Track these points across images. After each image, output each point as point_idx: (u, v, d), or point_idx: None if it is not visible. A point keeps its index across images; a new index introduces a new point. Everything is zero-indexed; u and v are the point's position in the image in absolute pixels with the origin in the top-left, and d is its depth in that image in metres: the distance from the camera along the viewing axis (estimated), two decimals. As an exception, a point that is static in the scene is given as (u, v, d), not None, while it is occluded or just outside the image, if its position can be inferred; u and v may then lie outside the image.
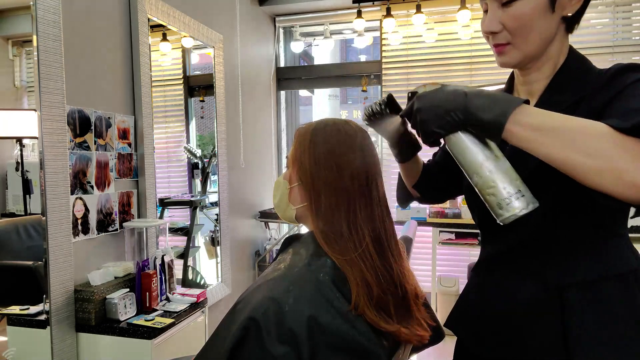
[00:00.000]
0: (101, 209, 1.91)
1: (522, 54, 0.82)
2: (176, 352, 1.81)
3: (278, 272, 0.81)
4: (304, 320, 0.72)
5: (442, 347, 0.99)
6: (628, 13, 3.33)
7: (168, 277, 2.02)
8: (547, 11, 0.78)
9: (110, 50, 2.00)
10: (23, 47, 1.74)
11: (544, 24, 0.79)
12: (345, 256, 0.79)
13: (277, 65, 4.02)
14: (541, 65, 0.85)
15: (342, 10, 3.77)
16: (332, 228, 0.82)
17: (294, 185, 0.89)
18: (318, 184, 0.84)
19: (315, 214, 0.84)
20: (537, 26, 0.79)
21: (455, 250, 3.54)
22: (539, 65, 0.85)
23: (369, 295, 0.77)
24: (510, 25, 0.80)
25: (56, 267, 1.66)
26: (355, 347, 0.74)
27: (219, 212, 2.90)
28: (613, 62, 3.31)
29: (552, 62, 0.85)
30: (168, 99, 2.86)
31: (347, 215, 0.82)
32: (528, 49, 0.82)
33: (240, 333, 0.72)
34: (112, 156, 1.99)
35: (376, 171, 0.88)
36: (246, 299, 0.79)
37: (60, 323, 1.69)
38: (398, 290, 0.83)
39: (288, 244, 0.93)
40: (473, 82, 3.45)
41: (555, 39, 0.83)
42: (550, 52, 0.84)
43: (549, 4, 0.78)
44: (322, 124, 0.89)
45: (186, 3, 2.53)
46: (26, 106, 1.77)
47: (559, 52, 0.84)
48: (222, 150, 2.91)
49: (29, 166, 1.75)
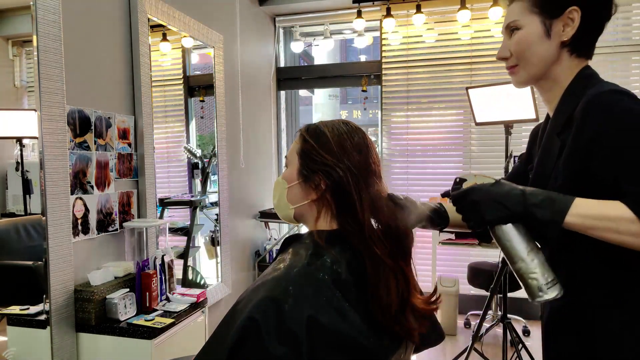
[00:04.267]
0: (101, 209, 1.91)
1: (527, 74, 0.97)
2: (176, 352, 1.81)
3: (278, 272, 0.81)
4: (303, 320, 0.72)
5: (442, 347, 0.98)
6: (628, 13, 3.33)
7: (168, 277, 2.02)
8: (544, 38, 0.93)
9: (110, 50, 2.00)
10: (23, 47, 1.74)
11: (542, 49, 0.94)
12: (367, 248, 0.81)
13: (277, 65, 4.02)
14: (550, 86, 0.98)
15: (342, 10, 3.78)
16: (346, 219, 0.83)
17: (292, 184, 0.89)
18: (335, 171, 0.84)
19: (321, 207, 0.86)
20: (536, 51, 0.94)
21: (455, 250, 3.54)
22: (548, 87, 0.98)
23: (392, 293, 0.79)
24: (514, 50, 0.96)
25: (56, 267, 1.66)
26: (355, 347, 0.74)
27: (219, 212, 2.90)
28: (613, 62, 3.32)
29: (560, 85, 0.96)
30: (168, 99, 2.87)
31: (356, 205, 0.83)
32: (532, 70, 0.96)
33: (240, 333, 0.72)
34: (112, 156, 1.99)
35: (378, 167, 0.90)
36: (246, 299, 0.79)
37: (60, 323, 1.69)
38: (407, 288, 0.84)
39: (288, 244, 0.93)
40: (473, 82, 3.45)
41: (560, 62, 0.95)
42: (555, 74, 0.96)
43: (545, 32, 0.93)
44: (325, 121, 0.91)
45: (186, 3, 2.53)
46: (26, 106, 1.77)
47: (565, 74, 0.95)
48: (222, 150, 2.91)
49: (29, 166, 1.75)
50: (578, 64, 0.95)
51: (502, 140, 2.57)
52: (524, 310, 3.43)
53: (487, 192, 0.86)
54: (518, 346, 2.38)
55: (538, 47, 0.94)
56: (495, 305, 3.35)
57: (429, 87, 3.67)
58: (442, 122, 3.67)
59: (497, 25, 3.49)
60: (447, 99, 3.60)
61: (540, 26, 0.93)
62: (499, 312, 3.33)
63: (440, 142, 3.69)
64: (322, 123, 0.91)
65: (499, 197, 0.84)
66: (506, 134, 2.61)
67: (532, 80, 0.99)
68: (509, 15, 0.97)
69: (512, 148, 2.63)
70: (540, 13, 0.93)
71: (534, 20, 0.94)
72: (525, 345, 2.44)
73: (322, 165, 0.85)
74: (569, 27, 0.92)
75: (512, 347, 2.49)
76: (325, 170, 0.85)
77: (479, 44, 3.56)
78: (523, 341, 2.44)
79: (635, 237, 0.78)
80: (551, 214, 0.81)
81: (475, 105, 2.70)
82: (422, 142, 3.74)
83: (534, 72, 0.97)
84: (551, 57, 0.94)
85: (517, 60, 0.97)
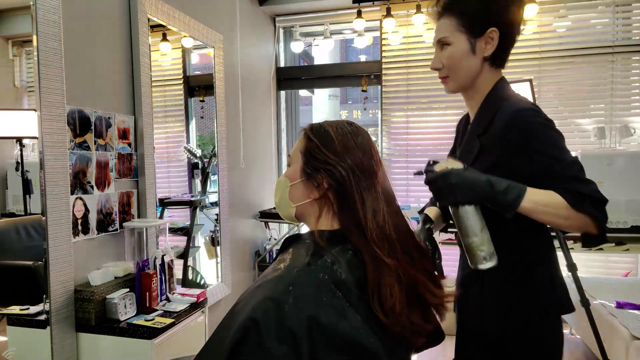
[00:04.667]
0: (101, 209, 1.91)
1: (456, 84, 1.15)
2: (176, 352, 1.81)
3: (278, 272, 0.81)
4: (304, 320, 0.72)
5: (442, 347, 0.99)
6: (628, 13, 3.33)
7: (168, 277, 2.02)
8: (470, 54, 1.10)
9: (110, 50, 2.00)
10: (23, 47, 1.74)
11: (468, 64, 1.11)
12: (371, 249, 0.81)
13: (277, 65, 4.02)
14: (473, 94, 1.16)
15: (342, 10, 3.77)
16: (349, 218, 0.84)
17: (295, 182, 0.90)
18: (337, 169, 0.85)
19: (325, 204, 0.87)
20: (464, 65, 1.11)
21: (456, 250, 3.53)
22: (471, 94, 1.16)
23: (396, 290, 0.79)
24: (445, 63, 1.13)
25: (56, 267, 1.66)
26: (355, 347, 0.74)
27: (219, 212, 2.90)
28: (613, 61, 3.32)
29: (481, 92, 1.14)
30: (168, 99, 2.86)
31: (359, 205, 0.84)
32: (460, 81, 1.14)
33: (240, 333, 0.72)
34: (112, 156, 1.99)
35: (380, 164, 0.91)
36: (246, 299, 0.79)
37: (60, 323, 1.69)
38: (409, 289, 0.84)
39: (288, 244, 0.93)
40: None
41: (482, 74, 1.13)
42: (478, 84, 1.14)
43: (470, 49, 1.10)
44: (329, 120, 0.92)
45: (186, 3, 2.53)
46: (26, 106, 1.77)
47: (486, 84, 1.14)
48: (222, 150, 2.91)
49: (29, 166, 1.75)
50: (496, 74, 1.14)
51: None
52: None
53: (462, 177, 0.99)
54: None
55: (465, 62, 1.11)
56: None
57: (429, 87, 3.67)
58: (442, 122, 3.67)
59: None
60: (447, 99, 3.60)
61: (466, 44, 1.10)
62: (499, 312, 3.33)
63: (440, 142, 3.69)
64: (326, 123, 0.91)
65: (471, 182, 0.99)
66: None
67: (460, 89, 1.16)
68: (439, 31, 1.13)
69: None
70: (466, 32, 1.09)
71: (462, 38, 1.09)
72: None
73: (325, 164, 0.85)
74: (490, 44, 1.09)
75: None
76: (328, 169, 0.85)
77: (479, 44, 3.56)
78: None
79: (565, 219, 0.98)
80: (511, 199, 0.98)
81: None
82: (422, 142, 3.74)
83: (462, 82, 1.14)
84: (476, 70, 1.12)
85: (448, 72, 1.14)
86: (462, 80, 1.13)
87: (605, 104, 3.37)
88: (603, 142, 3.23)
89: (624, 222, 2.94)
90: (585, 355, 2.91)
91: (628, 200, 2.94)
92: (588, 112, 3.41)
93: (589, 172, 1.01)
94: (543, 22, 3.44)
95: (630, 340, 2.18)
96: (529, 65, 3.45)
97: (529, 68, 3.44)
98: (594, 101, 3.40)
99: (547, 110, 1.09)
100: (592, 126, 3.33)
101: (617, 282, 3.01)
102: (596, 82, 3.38)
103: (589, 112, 3.41)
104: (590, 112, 3.41)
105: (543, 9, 3.35)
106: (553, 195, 0.98)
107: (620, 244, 3.01)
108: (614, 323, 2.35)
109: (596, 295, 2.73)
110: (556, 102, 3.44)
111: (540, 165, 1.01)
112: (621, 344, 2.24)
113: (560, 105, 3.44)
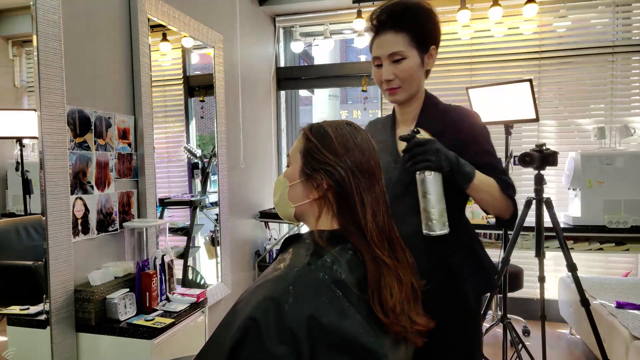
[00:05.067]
0: (101, 209, 1.91)
1: (407, 94, 1.27)
2: (176, 352, 1.81)
3: (278, 271, 0.81)
4: (304, 320, 0.72)
5: (442, 347, 0.99)
6: (628, 13, 3.33)
7: (168, 277, 2.02)
8: (421, 67, 1.26)
9: (110, 50, 2.00)
10: (23, 47, 1.74)
11: (419, 76, 1.26)
12: (369, 249, 0.82)
13: (277, 65, 4.02)
14: (414, 101, 1.31)
15: (342, 10, 3.77)
16: (348, 217, 0.84)
17: (294, 183, 0.90)
18: (337, 170, 0.85)
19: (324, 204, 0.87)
20: (416, 77, 1.25)
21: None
22: (412, 102, 1.30)
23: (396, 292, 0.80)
24: (400, 76, 1.24)
25: (56, 267, 1.66)
26: (356, 347, 0.74)
27: (219, 212, 2.90)
28: (613, 62, 3.32)
29: (419, 99, 1.31)
30: (168, 99, 2.86)
31: (358, 206, 0.84)
32: (411, 91, 1.27)
33: (240, 333, 0.72)
34: (112, 156, 1.99)
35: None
36: (246, 299, 0.79)
37: (60, 323, 1.69)
38: (407, 288, 0.84)
39: (288, 243, 0.93)
40: (473, 82, 3.45)
41: (422, 85, 1.30)
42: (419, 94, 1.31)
43: (420, 63, 1.25)
44: (328, 120, 0.92)
45: (186, 3, 2.53)
46: (26, 106, 1.77)
47: (422, 92, 1.32)
48: (222, 150, 2.91)
49: (29, 166, 1.74)
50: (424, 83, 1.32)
51: (502, 140, 2.57)
52: (524, 310, 3.43)
53: (442, 145, 1.11)
54: (518, 346, 2.38)
55: (417, 74, 1.25)
56: (495, 305, 3.35)
57: (429, 87, 3.63)
58: (442, 122, 3.66)
59: (497, 25, 3.49)
60: (447, 99, 3.57)
61: (418, 58, 1.24)
62: (498, 312, 3.33)
63: (440, 142, 3.68)
64: (325, 123, 0.91)
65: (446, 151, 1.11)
66: (506, 134, 2.61)
67: (408, 99, 1.28)
68: (394, 45, 1.22)
69: (512, 148, 2.63)
70: (417, 48, 1.23)
71: (414, 53, 1.23)
72: (525, 345, 2.44)
73: (324, 165, 0.85)
74: (431, 60, 1.28)
75: (512, 347, 2.49)
76: (327, 169, 0.85)
77: (479, 44, 3.56)
78: (523, 341, 2.44)
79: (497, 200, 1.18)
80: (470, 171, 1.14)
81: (475, 105, 2.70)
82: (422, 142, 3.73)
83: (411, 93, 1.27)
84: (422, 82, 1.29)
85: (400, 83, 1.25)
86: (412, 90, 1.27)
87: (605, 104, 3.37)
88: (603, 142, 3.23)
89: (624, 222, 2.94)
90: (585, 355, 2.91)
91: (628, 200, 2.94)
92: (588, 112, 3.41)
93: (589, 172, 1.01)
94: (543, 22, 3.44)
95: (630, 340, 2.18)
96: (529, 65, 3.45)
97: (529, 68, 3.44)
98: (594, 101, 3.40)
99: (547, 110, 1.11)
100: (592, 126, 3.33)
101: (617, 282, 3.02)
102: (596, 82, 3.38)
103: (589, 112, 3.41)
104: (590, 112, 3.41)
105: (543, 9, 3.35)
106: (491, 179, 1.18)
107: (620, 244, 3.02)
108: (614, 323, 2.35)
109: (596, 295, 2.73)
110: (556, 102, 3.43)
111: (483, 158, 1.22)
112: (621, 344, 2.24)
113: (560, 105, 3.44)
